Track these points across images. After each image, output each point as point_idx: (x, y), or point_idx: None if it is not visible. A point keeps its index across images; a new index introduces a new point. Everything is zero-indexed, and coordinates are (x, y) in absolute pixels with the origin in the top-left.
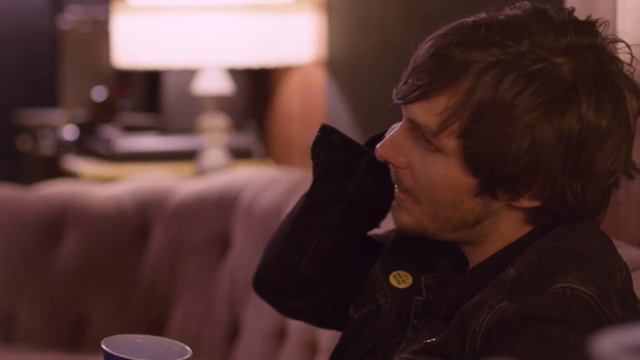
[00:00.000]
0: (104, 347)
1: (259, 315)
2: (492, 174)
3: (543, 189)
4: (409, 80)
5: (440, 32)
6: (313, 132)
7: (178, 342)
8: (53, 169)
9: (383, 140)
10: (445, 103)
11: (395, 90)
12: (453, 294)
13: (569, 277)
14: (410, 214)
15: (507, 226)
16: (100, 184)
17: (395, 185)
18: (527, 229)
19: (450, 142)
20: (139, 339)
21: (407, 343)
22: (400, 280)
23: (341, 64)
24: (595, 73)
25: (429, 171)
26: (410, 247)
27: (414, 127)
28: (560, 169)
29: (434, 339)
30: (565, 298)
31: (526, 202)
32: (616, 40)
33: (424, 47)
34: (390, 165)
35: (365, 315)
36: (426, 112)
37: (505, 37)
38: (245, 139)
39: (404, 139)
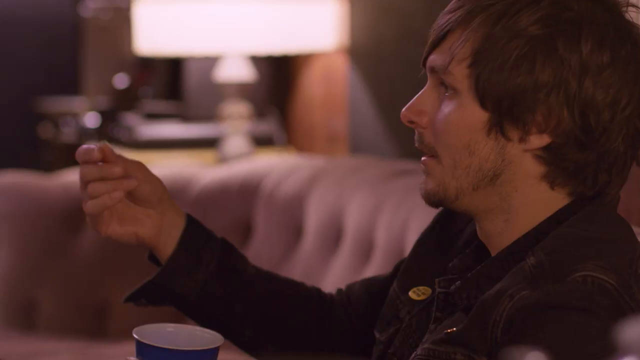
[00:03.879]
0: (135, 336)
1: None
2: (498, 99)
3: (547, 116)
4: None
5: None
6: (335, 120)
7: (210, 330)
8: (75, 157)
9: (409, 103)
10: (458, 36)
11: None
12: (473, 284)
13: (589, 265)
14: (432, 176)
15: (526, 188)
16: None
17: (422, 157)
18: (546, 195)
19: (460, 72)
20: (170, 327)
21: (430, 335)
22: (420, 293)
23: (363, 51)
24: (608, 17)
25: (444, 115)
26: (424, 261)
27: (435, 81)
28: (563, 97)
29: (454, 329)
30: (585, 286)
31: (536, 140)
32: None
33: None
34: (415, 128)
35: (391, 334)
36: (441, 53)
37: None
38: (267, 127)
39: (426, 98)
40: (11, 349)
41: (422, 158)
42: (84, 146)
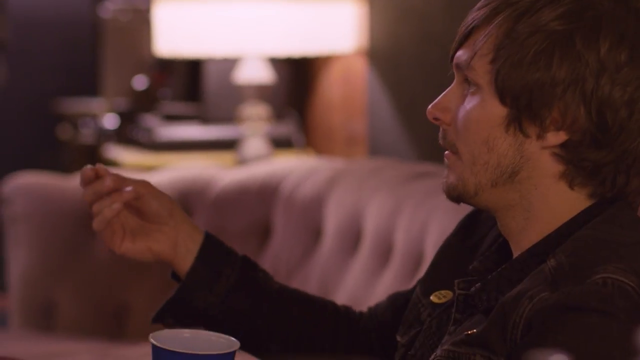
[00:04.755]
0: (152, 341)
1: None
2: (516, 94)
3: (564, 113)
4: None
5: None
6: (354, 122)
7: (225, 336)
8: (93, 158)
9: (435, 100)
10: (482, 33)
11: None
12: (494, 286)
13: (609, 267)
14: (453, 171)
15: (545, 186)
16: (141, 173)
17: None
18: (566, 195)
19: (482, 68)
20: (187, 333)
21: (450, 336)
22: (441, 296)
23: (383, 54)
24: (629, 17)
25: (466, 111)
26: (447, 266)
27: (460, 78)
28: (580, 94)
29: (474, 330)
30: (605, 288)
31: (553, 137)
32: None
33: None
34: (440, 125)
35: (412, 337)
36: (466, 49)
37: None
38: (286, 129)
39: (451, 96)
40: (30, 350)
41: (445, 152)
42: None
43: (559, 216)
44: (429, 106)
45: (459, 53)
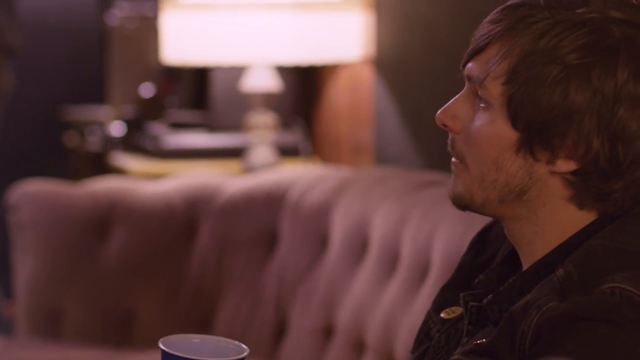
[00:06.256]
0: (161, 346)
1: (306, 312)
2: (529, 121)
3: (576, 143)
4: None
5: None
6: (360, 131)
7: (235, 341)
8: (100, 165)
9: (444, 106)
10: (497, 50)
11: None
12: (505, 297)
13: (617, 277)
14: (460, 180)
15: (554, 205)
16: (148, 181)
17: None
18: (575, 213)
19: (495, 89)
20: (196, 338)
21: (461, 347)
22: (451, 312)
23: (389, 63)
24: None
25: (476, 127)
26: (459, 284)
27: (471, 89)
28: (595, 125)
29: (484, 340)
30: (613, 298)
31: (563, 165)
32: None
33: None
34: (449, 132)
35: (421, 352)
36: (479, 64)
37: (575, 4)
38: (293, 137)
39: (462, 104)
40: (37, 357)
41: (452, 159)
42: None
43: (567, 229)
44: (438, 112)
45: (471, 65)
